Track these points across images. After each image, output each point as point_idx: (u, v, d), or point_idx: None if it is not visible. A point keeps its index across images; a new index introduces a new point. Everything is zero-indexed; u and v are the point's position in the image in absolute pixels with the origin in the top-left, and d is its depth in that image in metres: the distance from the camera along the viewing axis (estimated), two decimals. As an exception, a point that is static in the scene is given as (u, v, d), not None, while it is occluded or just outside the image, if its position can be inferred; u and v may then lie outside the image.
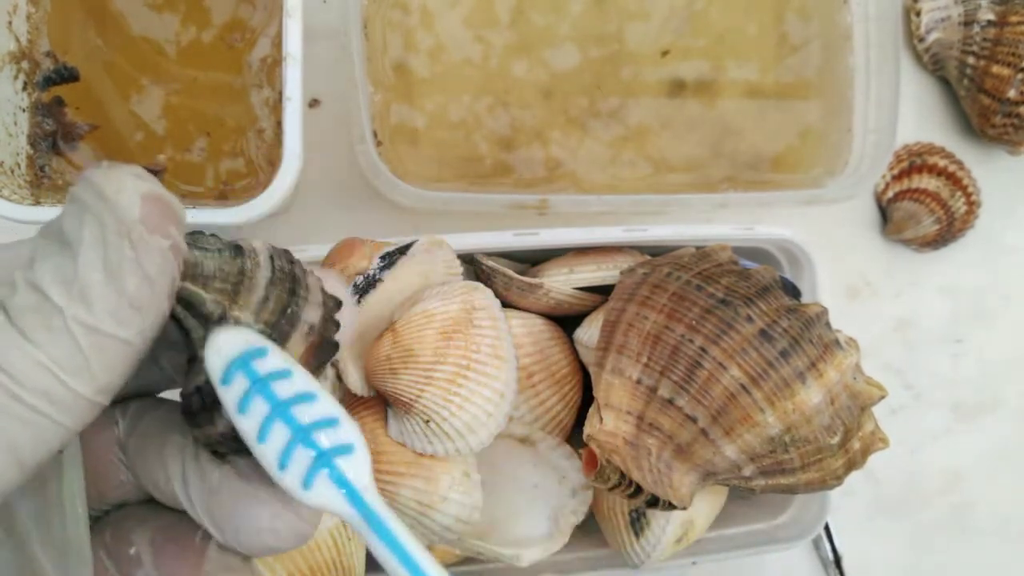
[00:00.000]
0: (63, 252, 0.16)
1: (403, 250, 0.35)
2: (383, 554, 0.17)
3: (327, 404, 0.17)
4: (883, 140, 0.42)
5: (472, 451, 0.34)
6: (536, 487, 0.38)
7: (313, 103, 0.45)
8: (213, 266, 0.18)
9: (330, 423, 0.17)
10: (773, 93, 0.44)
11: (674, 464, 0.33)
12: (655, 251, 0.42)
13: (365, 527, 0.17)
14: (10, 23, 0.39)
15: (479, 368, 0.34)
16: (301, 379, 0.17)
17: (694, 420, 0.33)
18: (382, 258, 0.35)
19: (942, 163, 0.51)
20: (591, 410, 0.35)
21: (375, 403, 0.36)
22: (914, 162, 0.51)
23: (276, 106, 0.40)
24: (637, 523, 0.39)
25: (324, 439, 0.17)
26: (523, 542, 0.37)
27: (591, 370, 0.38)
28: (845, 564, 0.49)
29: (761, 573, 0.50)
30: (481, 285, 0.37)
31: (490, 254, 0.41)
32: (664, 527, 0.38)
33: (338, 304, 0.20)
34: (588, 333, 0.39)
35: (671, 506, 0.33)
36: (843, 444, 0.33)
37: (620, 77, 0.43)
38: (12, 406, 0.15)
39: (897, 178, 0.51)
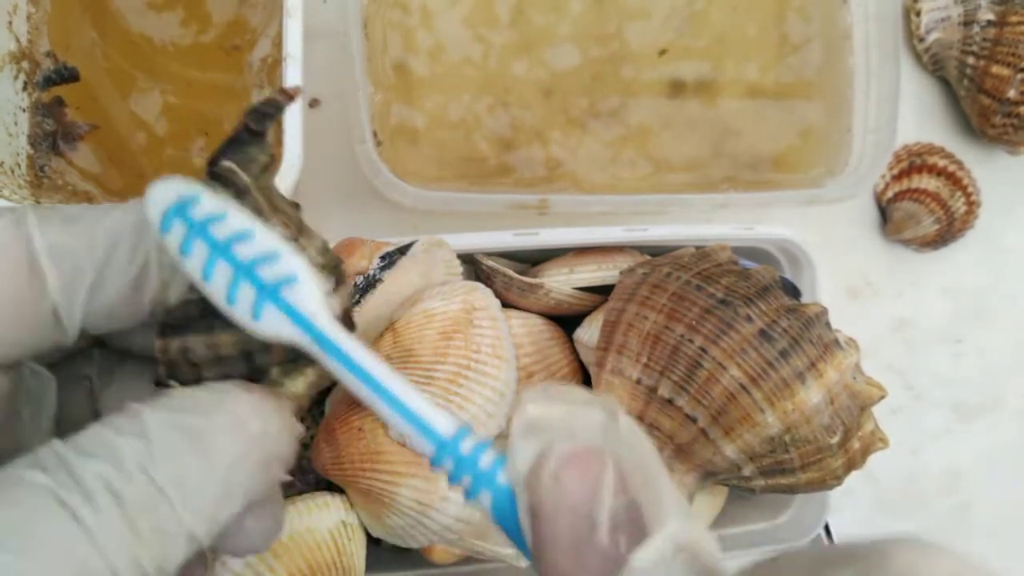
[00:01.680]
0: (191, 453, 0.15)
1: (403, 250, 0.35)
2: (338, 371, 0.17)
3: (265, 240, 0.18)
4: (883, 140, 0.42)
5: (472, 451, 0.34)
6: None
7: (313, 103, 0.45)
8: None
9: (270, 258, 0.17)
10: (773, 93, 0.44)
11: (674, 464, 0.33)
12: (655, 251, 0.42)
13: (318, 350, 0.17)
14: (10, 23, 0.39)
15: (479, 368, 0.34)
16: (236, 219, 0.18)
17: (694, 420, 0.33)
18: (382, 258, 0.35)
19: (942, 163, 0.51)
20: (591, 410, 0.35)
21: (375, 403, 0.36)
22: (914, 162, 0.51)
23: (276, 106, 0.40)
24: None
25: (266, 272, 0.17)
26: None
27: (591, 370, 0.38)
28: (845, 564, 0.49)
29: (761, 573, 0.49)
30: (481, 285, 0.37)
31: (490, 254, 0.41)
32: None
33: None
34: (588, 333, 0.39)
35: (671, 506, 0.33)
36: (843, 444, 0.33)
37: (620, 77, 0.43)
38: None
39: (897, 178, 0.51)
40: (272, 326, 0.17)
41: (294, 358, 0.19)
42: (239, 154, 0.19)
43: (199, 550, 0.16)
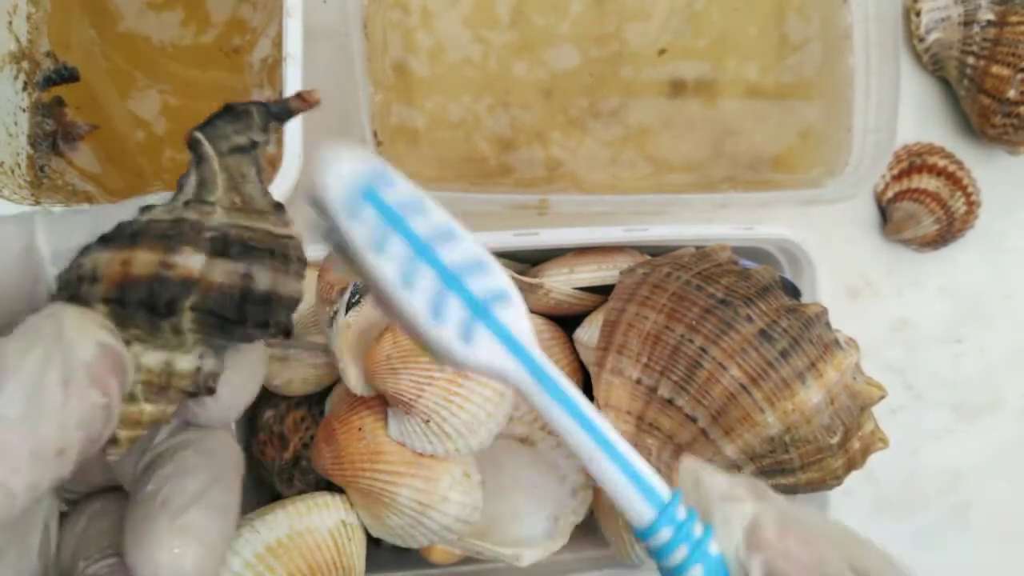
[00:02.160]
0: None
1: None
2: (558, 418, 0.14)
3: (472, 243, 0.14)
4: (883, 140, 0.42)
5: (472, 451, 0.34)
6: (536, 487, 0.38)
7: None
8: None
9: (480, 266, 0.14)
10: (773, 93, 0.44)
11: (674, 464, 0.33)
12: (655, 251, 0.42)
13: (537, 389, 0.14)
14: (10, 23, 0.39)
15: (479, 368, 0.34)
16: (439, 211, 0.14)
17: (694, 420, 0.33)
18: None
19: (942, 163, 0.51)
20: (591, 410, 0.35)
21: (376, 403, 0.36)
22: (914, 162, 0.51)
23: (276, 106, 0.40)
24: (637, 523, 0.39)
25: (479, 285, 0.14)
26: (523, 542, 0.37)
27: (591, 370, 0.38)
28: (845, 564, 0.49)
29: (761, 573, 0.50)
30: (481, 285, 0.37)
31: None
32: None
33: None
34: (588, 333, 0.39)
35: (671, 506, 0.33)
36: (843, 444, 0.33)
37: (620, 77, 0.43)
38: None
39: (897, 178, 0.51)
40: (486, 355, 0.14)
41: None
42: (212, 128, 0.18)
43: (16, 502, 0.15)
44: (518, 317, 0.14)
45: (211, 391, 0.18)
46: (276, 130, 0.19)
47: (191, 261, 0.16)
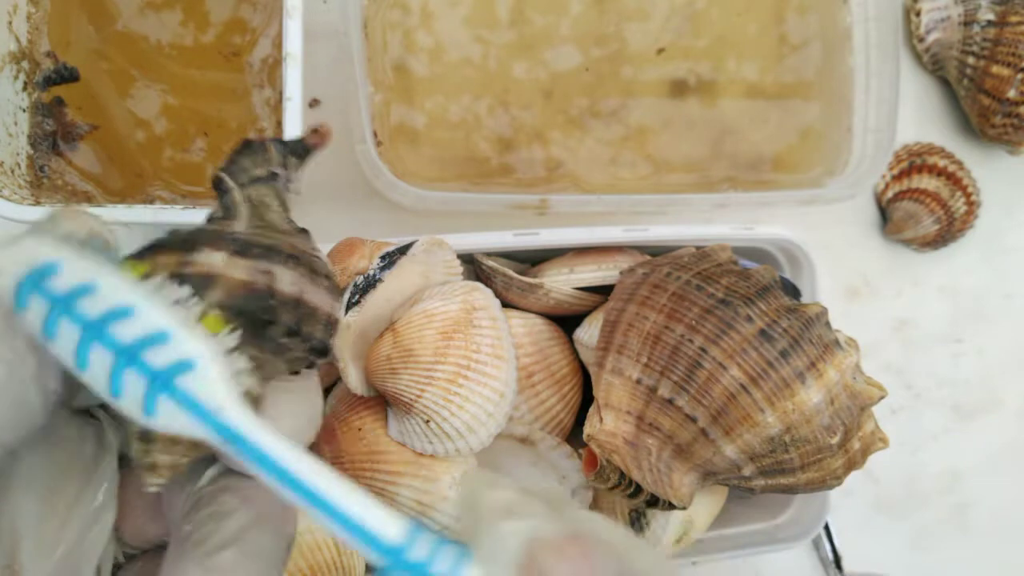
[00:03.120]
0: None
1: (403, 250, 0.35)
2: (257, 472, 0.14)
3: (151, 316, 0.14)
4: (883, 140, 0.42)
5: (472, 451, 0.34)
6: (536, 487, 0.38)
7: (313, 103, 0.45)
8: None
9: (159, 339, 0.14)
10: (773, 93, 0.44)
11: (674, 464, 0.33)
12: (655, 251, 0.42)
13: (225, 444, 0.14)
14: (10, 23, 0.39)
15: (479, 368, 0.34)
16: (111, 292, 0.14)
17: (694, 420, 0.33)
18: (382, 258, 0.35)
19: (942, 163, 0.51)
20: (591, 410, 0.35)
21: (376, 403, 0.36)
22: (914, 162, 0.51)
23: (277, 106, 0.40)
24: (637, 523, 0.39)
25: (154, 358, 0.14)
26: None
27: (591, 370, 0.38)
28: (845, 564, 0.49)
29: (761, 573, 0.50)
30: (481, 285, 0.37)
31: (490, 254, 0.41)
32: (664, 527, 0.38)
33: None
34: (588, 333, 0.39)
35: (671, 506, 0.33)
36: (843, 444, 0.33)
37: (620, 77, 0.43)
38: None
39: (897, 178, 0.51)
40: (171, 422, 0.14)
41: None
42: (232, 164, 0.19)
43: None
44: (202, 380, 0.14)
45: None
46: (297, 166, 0.20)
47: (212, 259, 0.16)
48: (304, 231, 0.20)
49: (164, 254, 0.16)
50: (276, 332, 0.17)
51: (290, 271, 0.18)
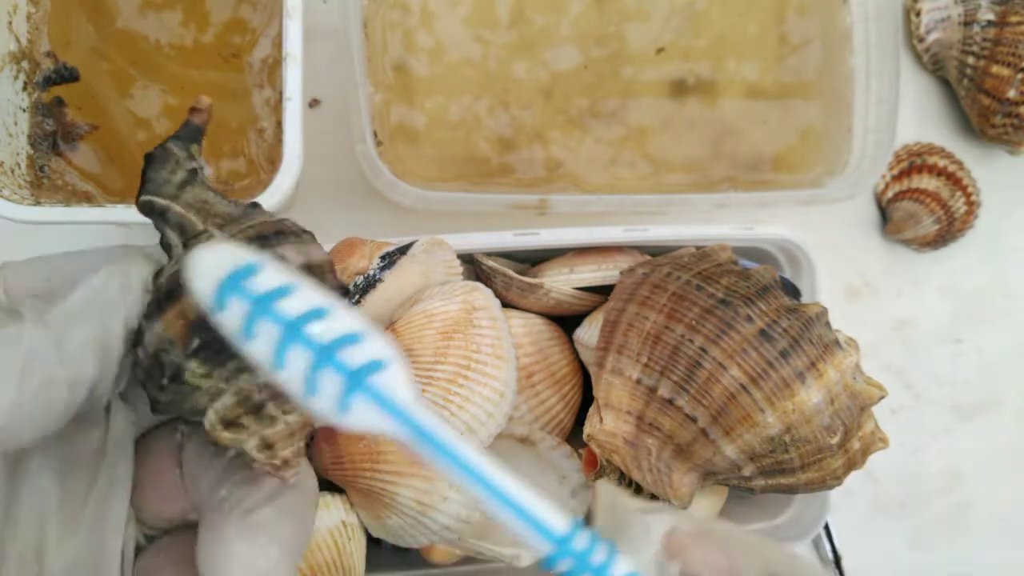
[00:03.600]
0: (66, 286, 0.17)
1: (403, 250, 0.35)
2: (444, 467, 0.15)
3: (346, 318, 0.15)
4: (883, 140, 0.42)
5: (472, 451, 0.34)
6: (536, 487, 0.38)
7: (313, 103, 0.45)
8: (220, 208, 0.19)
9: (353, 339, 0.15)
10: (773, 93, 0.44)
11: (674, 464, 0.33)
12: (655, 251, 0.42)
13: (419, 444, 0.15)
14: (10, 23, 0.39)
15: (479, 368, 0.34)
16: (308, 293, 0.15)
17: (694, 420, 0.33)
18: (382, 258, 0.35)
19: (942, 163, 0.51)
20: (591, 410, 0.35)
21: (375, 403, 0.36)
22: (914, 162, 0.51)
23: (277, 106, 0.40)
24: (637, 523, 0.39)
25: (352, 356, 0.15)
26: (523, 542, 0.37)
27: (591, 370, 0.38)
28: (845, 564, 0.49)
29: (761, 573, 0.50)
30: (481, 285, 0.37)
31: (490, 254, 0.41)
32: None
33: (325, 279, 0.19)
34: (588, 333, 0.39)
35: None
36: (843, 444, 0.33)
37: (620, 77, 0.43)
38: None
39: (897, 178, 0.51)
40: (365, 419, 0.15)
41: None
42: (150, 183, 0.18)
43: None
44: (395, 380, 0.15)
45: None
46: (199, 151, 0.20)
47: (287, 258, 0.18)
48: (255, 205, 0.20)
49: (187, 298, 0.17)
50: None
51: (290, 245, 0.18)
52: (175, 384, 0.18)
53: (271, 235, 0.18)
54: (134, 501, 0.20)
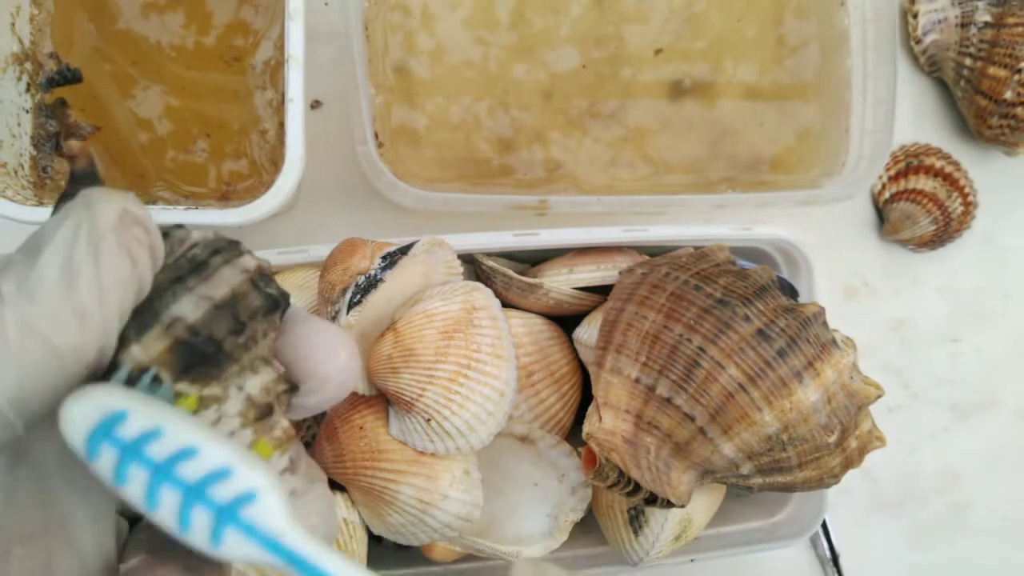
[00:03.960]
0: (33, 252, 0.16)
1: (404, 250, 0.36)
2: None
3: (214, 454, 0.16)
4: (880, 141, 0.42)
5: (472, 449, 0.35)
6: (536, 485, 0.39)
7: (315, 104, 0.45)
8: None
9: (222, 474, 0.15)
10: (771, 94, 0.45)
11: (672, 462, 0.34)
12: (654, 251, 0.42)
13: (288, 567, 0.16)
14: (13, 24, 0.39)
15: (479, 367, 0.34)
16: (176, 435, 0.16)
17: (692, 419, 0.33)
18: (383, 258, 0.35)
19: (939, 164, 0.51)
20: (590, 409, 0.35)
21: (377, 402, 0.36)
22: (911, 163, 0.51)
23: (279, 107, 0.40)
24: (636, 521, 0.39)
25: (219, 493, 0.15)
26: (523, 539, 0.37)
27: (590, 369, 0.38)
28: (842, 562, 0.50)
29: (759, 571, 0.50)
30: (481, 285, 0.37)
31: (490, 254, 0.41)
32: (662, 525, 0.38)
33: (260, 308, 0.18)
34: (587, 332, 0.39)
35: (669, 504, 0.33)
36: (840, 443, 0.33)
37: (619, 78, 0.43)
38: None
39: (894, 179, 0.51)
40: (238, 550, 0.15)
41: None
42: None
43: (11, 428, 0.15)
44: (265, 509, 0.16)
45: (294, 388, 0.19)
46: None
47: (182, 308, 0.17)
48: (178, 226, 0.19)
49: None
50: (229, 345, 0.18)
51: (185, 294, 0.17)
52: None
53: (186, 275, 0.18)
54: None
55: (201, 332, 0.17)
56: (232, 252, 0.19)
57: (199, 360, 0.17)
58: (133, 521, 0.20)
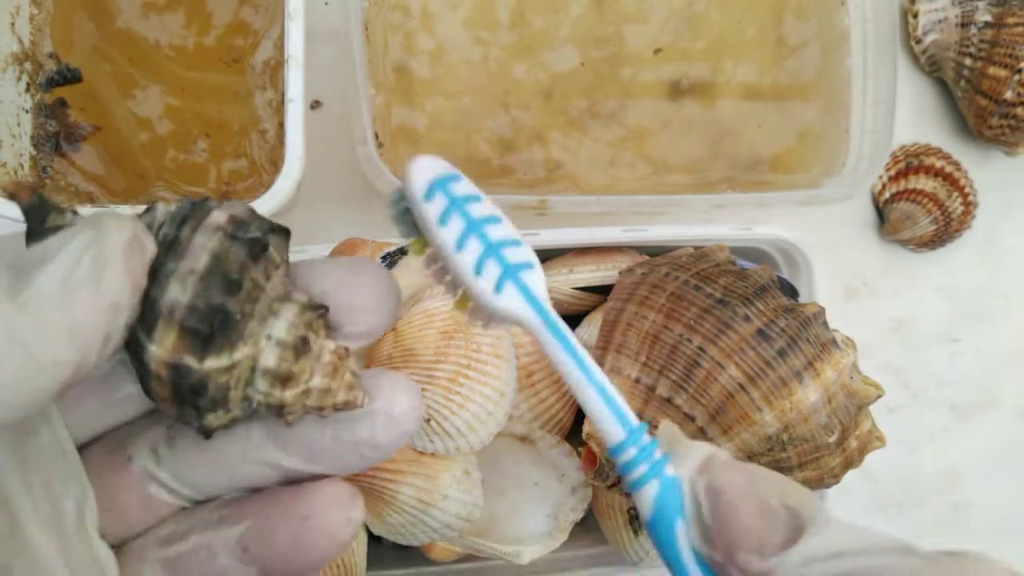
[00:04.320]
0: (32, 264, 0.16)
1: (404, 250, 0.36)
2: (558, 355, 0.20)
3: (510, 228, 0.20)
4: (880, 141, 0.42)
5: (472, 449, 0.35)
6: (536, 485, 0.39)
7: (315, 104, 0.45)
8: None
9: (515, 243, 0.19)
10: (771, 94, 0.45)
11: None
12: (654, 251, 0.42)
13: (544, 331, 0.20)
14: (13, 24, 0.39)
15: (479, 367, 0.34)
16: (489, 205, 0.19)
17: (692, 419, 0.33)
18: (383, 258, 0.35)
19: (939, 164, 0.51)
20: (590, 409, 0.35)
21: (376, 402, 0.36)
22: (911, 163, 0.51)
23: (279, 108, 0.40)
24: (636, 520, 0.39)
25: (511, 255, 0.19)
26: (523, 539, 0.38)
27: (590, 369, 0.38)
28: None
29: (759, 571, 0.50)
30: (481, 285, 0.37)
31: (490, 254, 0.41)
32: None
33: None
34: (587, 332, 0.39)
35: (670, 504, 0.33)
36: (840, 443, 0.33)
37: (619, 78, 0.43)
38: None
39: (894, 179, 0.51)
40: (510, 302, 0.19)
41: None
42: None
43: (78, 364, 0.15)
44: (537, 279, 0.19)
45: (322, 308, 0.19)
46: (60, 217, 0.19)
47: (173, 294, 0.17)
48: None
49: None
50: (234, 306, 0.18)
51: (170, 278, 0.17)
52: (209, 395, 0.17)
53: (165, 258, 0.18)
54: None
55: (200, 308, 0.17)
56: (199, 215, 0.18)
57: (211, 334, 0.17)
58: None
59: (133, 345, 0.17)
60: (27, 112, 0.39)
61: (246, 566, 0.19)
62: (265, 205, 0.35)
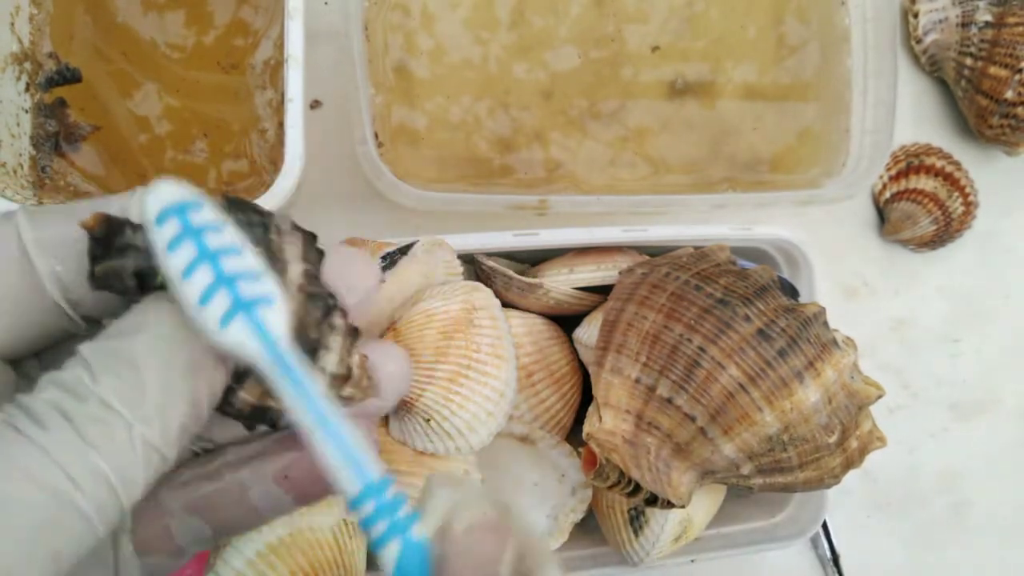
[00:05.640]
0: (124, 367, 0.16)
1: (404, 250, 0.36)
2: (290, 400, 0.18)
3: (253, 260, 0.18)
4: (881, 141, 0.42)
5: (472, 449, 0.35)
6: (536, 485, 0.39)
7: (315, 104, 0.45)
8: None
9: (253, 276, 0.18)
10: (771, 94, 0.45)
11: (673, 463, 0.34)
12: (654, 251, 0.42)
13: (277, 372, 0.18)
14: (12, 24, 0.39)
15: (479, 367, 0.34)
16: (231, 235, 0.18)
17: (692, 419, 0.33)
18: (383, 258, 0.35)
19: (939, 164, 0.51)
20: (590, 409, 0.35)
21: (376, 402, 0.36)
22: (911, 163, 0.51)
23: (279, 107, 0.40)
24: (636, 521, 0.39)
25: (247, 289, 0.18)
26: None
27: (590, 369, 0.38)
28: (843, 562, 0.50)
29: (759, 571, 0.50)
30: (481, 285, 0.37)
31: (490, 254, 0.41)
32: (663, 525, 0.38)
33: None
34: (587, 332, 0.39)
35: (670, 504, 0.33)
36: (841, 443, 0.33)
37: (619, 78, 0.43)
38: (65, 516, 0.15)
39: (894, 179, 0.51)
40: (235, 337, 0.17)
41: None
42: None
43: (163, 462, 0.16)
44: (275, 315, 0.18)
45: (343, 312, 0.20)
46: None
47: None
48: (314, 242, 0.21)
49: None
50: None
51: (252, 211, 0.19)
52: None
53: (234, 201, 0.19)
54: None
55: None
56: (277, 266, 0.20)
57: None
58: None
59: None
60: (27, 112, 0.39)
61: (286, 493, 0.20)
62: (265, 205, 0.35)
